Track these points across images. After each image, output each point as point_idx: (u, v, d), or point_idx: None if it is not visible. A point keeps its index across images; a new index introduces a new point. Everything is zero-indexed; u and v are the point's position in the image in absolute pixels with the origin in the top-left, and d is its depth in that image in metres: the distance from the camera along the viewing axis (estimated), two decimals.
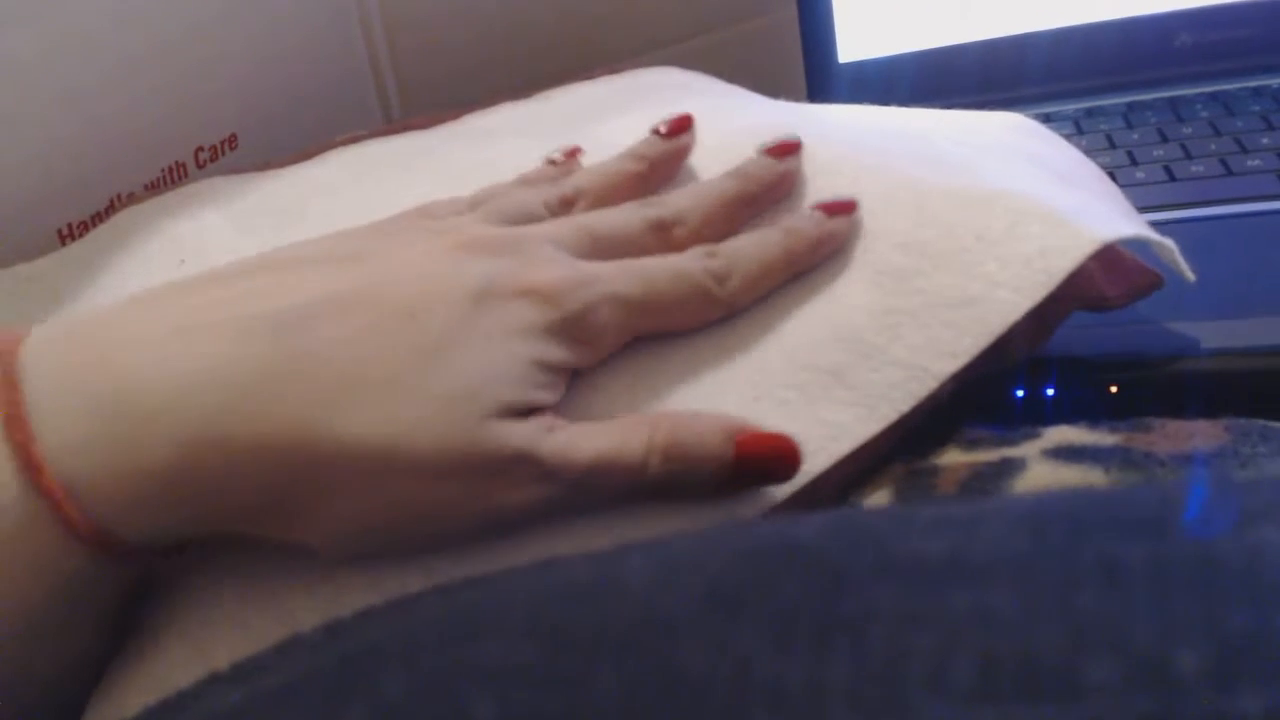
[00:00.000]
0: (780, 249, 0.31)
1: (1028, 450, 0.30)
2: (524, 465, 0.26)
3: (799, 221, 0.32)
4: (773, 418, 0.29)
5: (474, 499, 0.26)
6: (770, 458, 0.28)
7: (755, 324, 0.31)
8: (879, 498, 0.31)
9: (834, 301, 0.31)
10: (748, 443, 0.28)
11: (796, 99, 0.46)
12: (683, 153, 0.36)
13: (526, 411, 0.27)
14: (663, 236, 0.32)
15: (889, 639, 0.15)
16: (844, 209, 0.33)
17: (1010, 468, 0.29)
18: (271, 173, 0.44)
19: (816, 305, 0.31)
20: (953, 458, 0.31)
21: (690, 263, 0.30)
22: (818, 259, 0.32)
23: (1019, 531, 0.17)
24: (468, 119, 0.47)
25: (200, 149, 0.55)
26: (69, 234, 0.50)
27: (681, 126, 0.36)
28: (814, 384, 0.30)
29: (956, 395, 0.31)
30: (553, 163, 0.37)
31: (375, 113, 0.66)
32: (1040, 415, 0.31)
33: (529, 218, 0.32)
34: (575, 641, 0.17)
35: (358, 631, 0.22)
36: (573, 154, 0.37)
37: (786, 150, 0.35)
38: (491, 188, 0.35)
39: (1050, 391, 0.36)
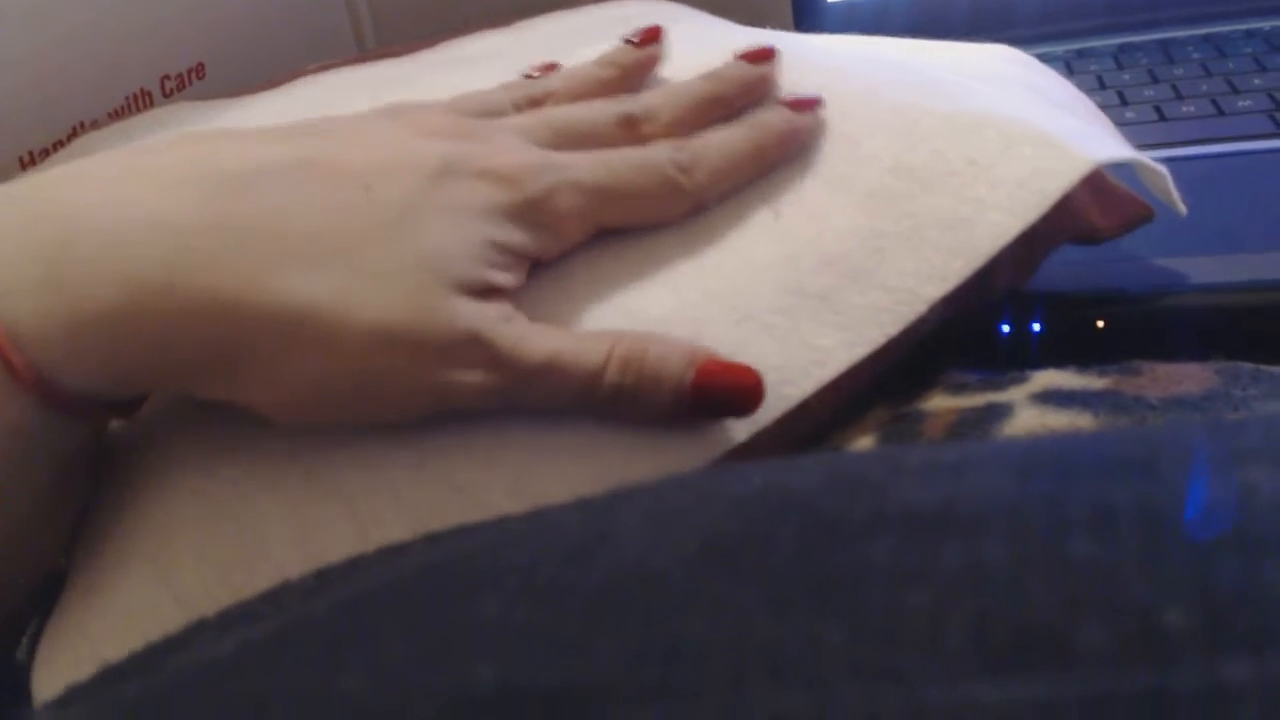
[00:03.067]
0: (748, 143, 0.31)
1: (1015, 395, 0.29)
2: (477, 348, 0.26)
3: (765, 115, 0.32)
4: (758, 342, 0.28)
5: (422, 374, 0.25)
6: (731, 389, 0.27)
7: (740, 246, 0.31)
8: (863, 443, 0.30)
9: (822, 225, 0.30)
10: (709, 370, 0.27)
11: None
12: (653, 61, 0.36)
13: (483, 292, 0.26)
14: (631, 132, 0.32)
15: (884, 599, 0.15)
16: (809, 105, 0.33)
17: (997, 413, 0.29)
18: (239, 99, 0.43)
19: (804, 228, 0.30)
20: (938, 403, 0.30)
21: (655, 154, 0.30)
22: (784, 154, 0.32)
23: (1008, 476, 0.16)
24: (444, 46, 0.45)
25: (166, 77, 0.53)
26: (30, 161, 0.49)
27: (652, 36, 0.36)
28: (800, 308, 0.29)
29: (941, 336, 0.30)
30: (529, 76, 0.36)
31: (349, 42, 0.64)
32: (1027, 352, 0.31)
33: (495, 115, 0.32)
34: (573, 603, 0.16)
35: (348, 578, 0.22)
36: (550, 67, 0.37)
37: (762, 56, 0.34)
38: (473, 96, 0.34)
39: (1036, 328, 0.36)
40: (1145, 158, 0.33)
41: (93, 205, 0.24)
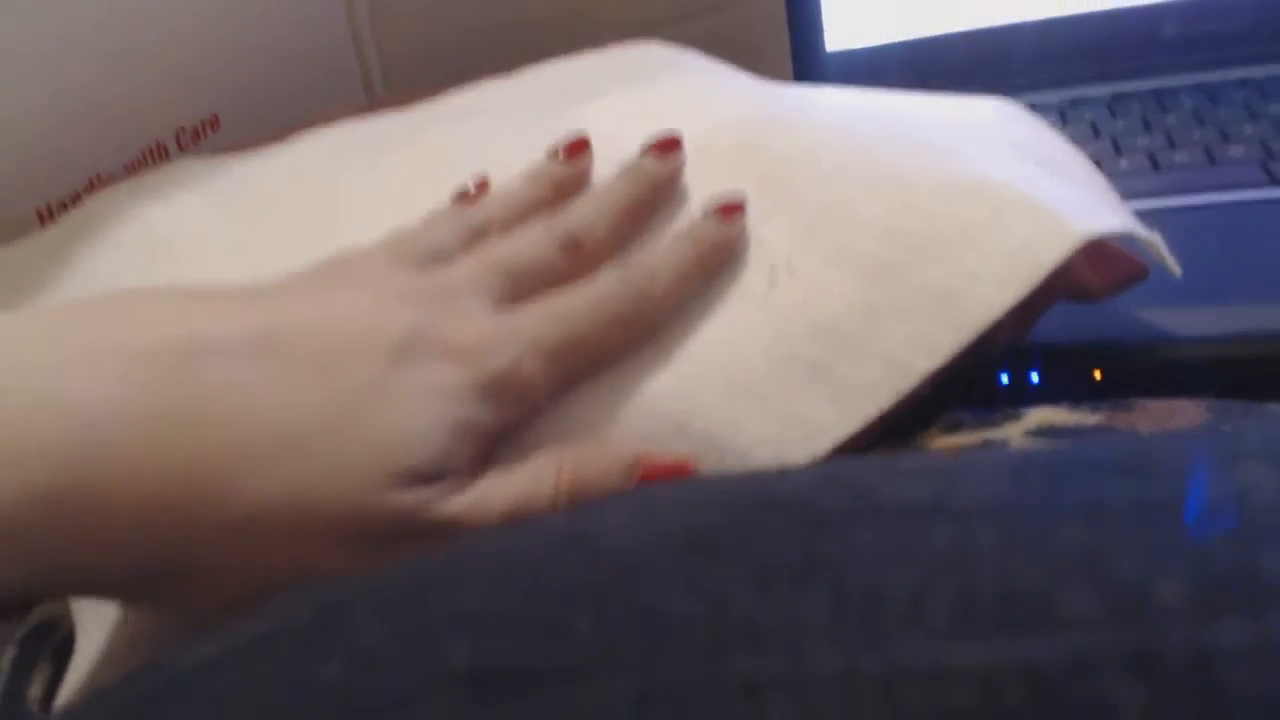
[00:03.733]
0: (692, 255, 0.31)
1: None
2: (434, 531, 0.25)
3: (702, 228, 0.32)
4: (752, 417, 0.29)
5: (376, 559, 0.24)
6: None
7: (732, 318, 0.31)
8: None
9: (813, 294, 0.31)
10: (650, 472, 0.27)
11: None
12: (584, 177, 0.36)
13: (440, 475, 0.26)
14: (575, 254, 0.31)
15: (868, 576, 0.15)
16: (735, 210, 0.32)
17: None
18: (249, 155, 0.44)
19: (795, 296, 0.31)
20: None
21: (607, 290, 0.30)
22: (724, 261, 0.32)
23: (1001, 478, 0.17)
24: (447, 98, 0.46)
25: (181, 129, 0.54)
26: (47, 214, 0.49)
27: (578, 149, 0.36)
28: (792, 379, 0.29)
29: (939, 384, 0.31)
30: (464, 195, 0.36)
31: (359, 92, 0.65)
32: (1023, 401, 0.31)
33: (443, 256, 0.31)
34: (553, 588, 0.17)
35: (332, 587, 0.21)
36: (482, 186, 0.36)
37: (669, 147, 0.34)
38: (400, 229, 0.34)
39: (1034, 377, 0.36)
40: (1138, 228, 0.33)
41: (4, 387, 0.21)
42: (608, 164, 0.35)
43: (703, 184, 0.34)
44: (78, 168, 0.51)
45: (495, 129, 0.40)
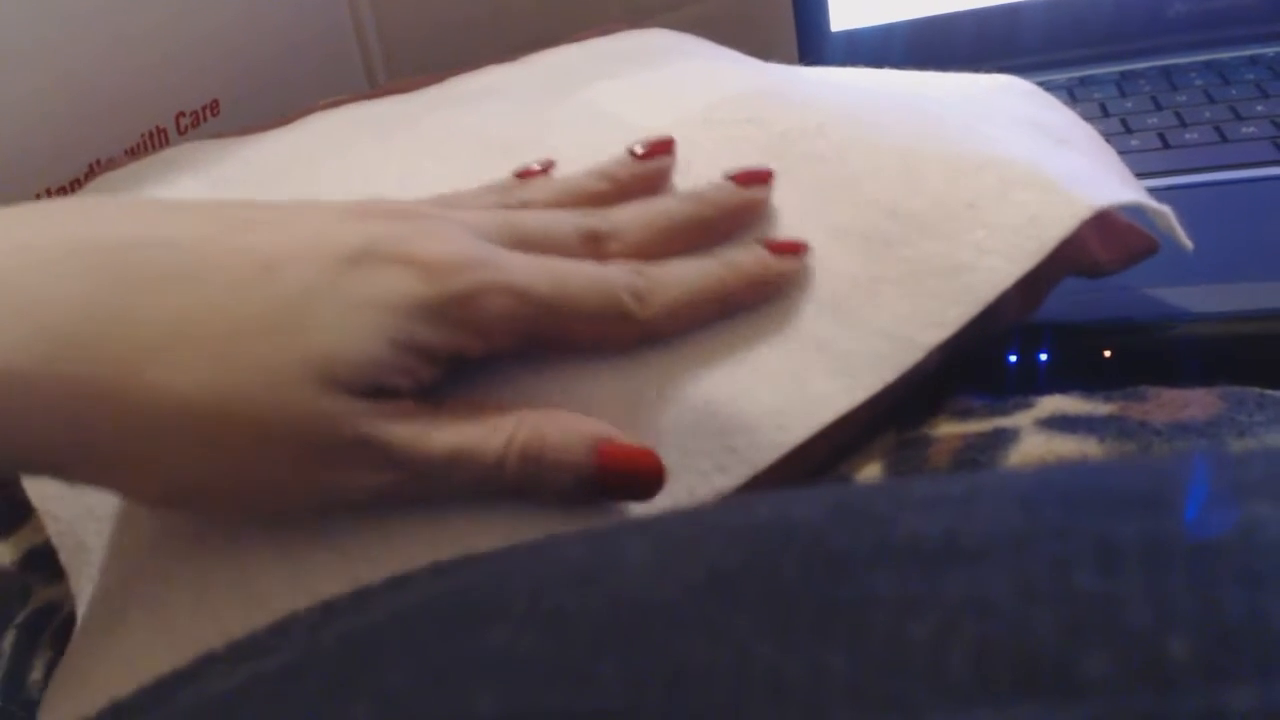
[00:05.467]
0: (715, 280, 0.29)
1: (1021, 420, 0.30)
2: (365, 450, 0.24)
3: (740, 254, 0.30)
4: (757, 388, 0.29)
5: (305, 474, 0.24)
6: (632, 473, 0.27)
7: None
8: (870, 469, 0.30)
9: (820, 268, 0.31)
10: (611, 454, 0.26)
11: None
12: (658, 176, 0.33)
13: (377, 391, 0.25)
14: (593, 248, 0.29)
15: (887, 627, 0.15)
16: (791, 250, 0.30)
17: (1003, 438, 0.29)
18: (251, 138, 0.44)
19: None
20: (945, 428, 0.31)
21: (609, 273, 0.28)
22: (756, 299, 0.30)
23: (1013, 509, 0.17)
24: (451, 82, 0.46)
25: (181, 114, 0.54)
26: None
27: (661, 149, 0.33)
28: (798, 354, 0.29)
29: (947, 362, 0.31)
30: (525, 172, 0.34)
31: (360, 78, 0.65)
32: (1033, 381, 0.31)
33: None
34: (577, 630, 0.17)
35: (355, 611, 0.21)
36: (547, 166, 0.34)
37: (756, 179, 0.32)
38: (450, 195, 0.32)
39: (1043, 357, 0.36)
40: (1148, 199, 0.32)
41: None
42: (615, 147, 0.35)
43: (707, 160, 0.34)
44: (78, 153, 0.50)
45: (501, 111, 0.40)
